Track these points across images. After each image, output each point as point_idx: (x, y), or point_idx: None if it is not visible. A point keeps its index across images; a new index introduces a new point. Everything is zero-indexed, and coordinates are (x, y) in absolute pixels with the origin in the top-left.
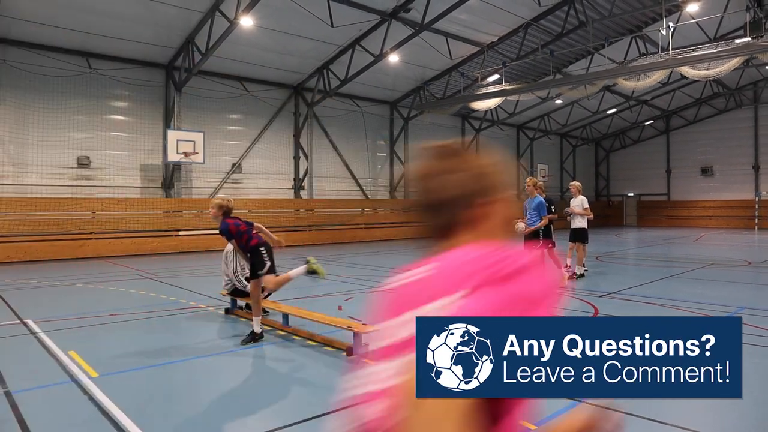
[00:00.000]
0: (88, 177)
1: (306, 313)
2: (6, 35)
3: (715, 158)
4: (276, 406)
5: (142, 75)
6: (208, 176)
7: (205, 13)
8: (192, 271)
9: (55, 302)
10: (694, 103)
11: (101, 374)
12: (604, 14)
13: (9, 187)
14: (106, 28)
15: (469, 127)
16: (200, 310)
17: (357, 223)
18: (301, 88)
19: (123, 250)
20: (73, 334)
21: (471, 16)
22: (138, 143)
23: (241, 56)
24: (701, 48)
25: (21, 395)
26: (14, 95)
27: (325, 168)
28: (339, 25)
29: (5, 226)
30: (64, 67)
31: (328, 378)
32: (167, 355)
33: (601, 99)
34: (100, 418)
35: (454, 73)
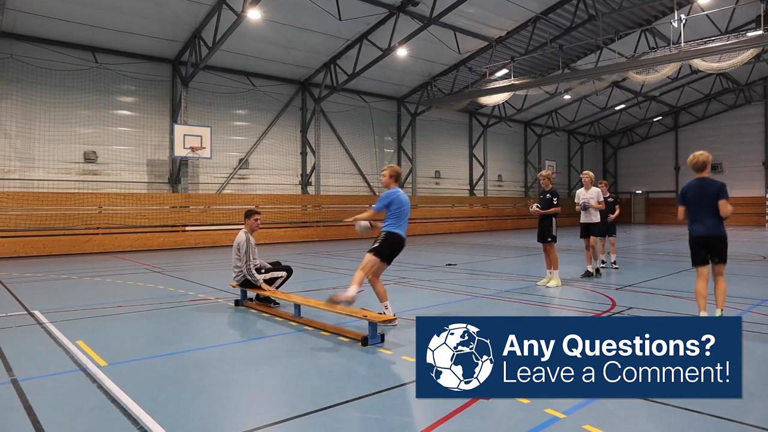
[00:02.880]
0: (95, 172)
1: (320, 303)
2: (12, 29)
3: (724, 155)
4: (290, 396)
5: (149, 69)
6: (214, 171)
7: (212, 6)
8: (200, 265)
9: (62, 294)
10: (703, 99)
11: (110, 363)
12: (613, 7)
13: (16, 182)
14: (113, 23)
15: (476, 124)
16: (209, 302)
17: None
18: (308, 83)
19: (130, 245)
20: (81, 324)
21: (479, 9)
22: (145, 138)
23: (248, 51)
24: (713, 40)
25: (28, 383)
26: (21, 90)
27: (332, 164)
28: (347, 18)
29: (12, 221)
30: (71, 61)
31: (342, 368)
32: (176, 344)
33: (610, 95)
34: (109, 406)
35: (462, 68)
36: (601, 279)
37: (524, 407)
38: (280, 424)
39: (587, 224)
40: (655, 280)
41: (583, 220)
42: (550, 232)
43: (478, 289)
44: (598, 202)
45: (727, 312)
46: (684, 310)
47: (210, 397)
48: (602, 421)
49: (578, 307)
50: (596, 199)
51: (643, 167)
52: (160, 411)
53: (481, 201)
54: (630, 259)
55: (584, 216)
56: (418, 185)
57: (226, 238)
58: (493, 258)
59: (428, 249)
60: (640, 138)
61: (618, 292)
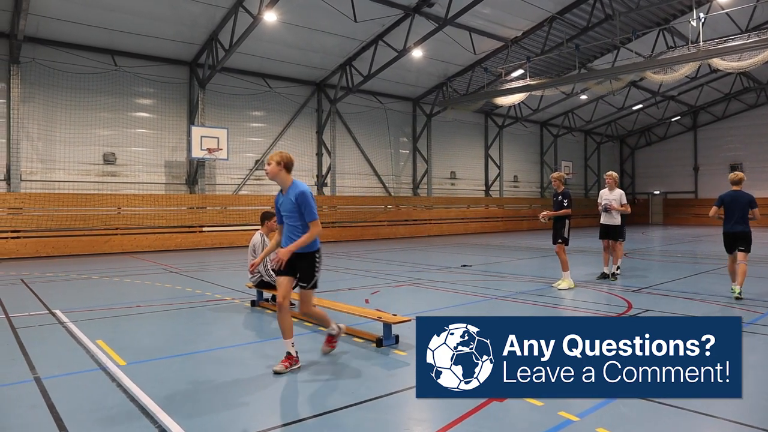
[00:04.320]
0: (114, 173)
1: (335, 304)
2: (35, 34)
3: (745, 155)
4: (305, 396)
5: (167, 72)
6: (231, 173)
7: (229, 8)
8: (216, 266)
9: (82, 294)
10: (722, 99)
11: (129, 362)
12: (631, 7)
13: (37, 183)
14: (132, 26)
15: (492, 124)
16: (226, 302)
17: (380, 219)
18: (323, 84)
19: (148, 245)
20: (101, 324)
21: (495, 10)
22: (162, 140)
23: (264, 53)
24: (733, 39)
25: (50, 381)
26: (42, 93)
27: (347, 165)
28: (362, 20)
29: (34, 222)
30: (91, 64)
31: (357, 369)
32: (194, 344)
33: (627, 95)
34: (128, 404)
35: (478, 69)
36: (618, 281)
37: (538, 409)
38: (294, 424)
39: (607, 226)
40: (673, 282)
41: (604, 221)
42: (561, 234)
43: (492, 291)
44: (622, 204)
45: (745, 315)
46: (702, 312)
47: (226, 397)
48: (616, 425)
49: (593, 309)
50: (619, 201)
51: (661, 168)
52: (178, 409)
53: (496, 202)
54: (647, 260)
55: (605, 217)
56: (433, 186)
57: (242, 238)
58: (509, 259)
59: (443, 250)
60: (658, 138)
61: (634, 295)
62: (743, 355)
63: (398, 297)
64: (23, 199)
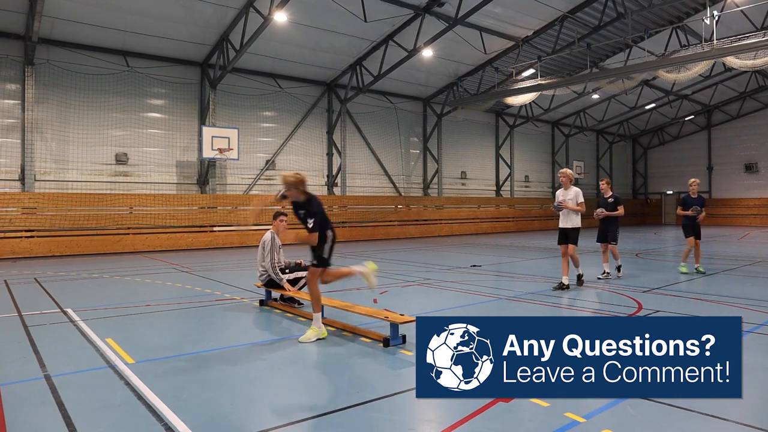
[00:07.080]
0: (126, 173)
1: (343, 304)
2: (49, 36)
3: (760, 154)
4: (311, 395)
5: (178, 73)
6: (242, 173)
7: (239, 9)
8: (227, 265)
9: (93, 293)
10: (737, 98)
11: (137, 361)
12: (643, 5)
13: (51, 183)
14: (144, 27)
15: (503, 124)
16: (235, 301)
17: (390, 219)
18: (334, 84)
19: (159, 245)
20: (111, 322)
21: (505, 9)
22: (174, 140)
23: (275, 53)
24: (747, 37)
25: (60, 379)
26: (56, 94)
27: (358, 165)
28: (372, 20)
29: (48, 221)
30: (103, 65)
31: (364, 368)
32: (202, 343)
33: (639, 94)
34: (135, 403)
35: (488, 69)
36: (628, 282)
37: (544, 410)
38: (300, 423)
39: (565, 229)
40: (684, 282)
41: (562, 225)
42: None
43: (502, 291)
44: (578, 203)
45: (754, 315)
46: (712, 313)
47: (233, 395)
48: (622, 426)
49: (603, 309)
50: (575, 200)
51: (674, 167)
52: (185, 408)
53: (507, 202)
54: (659, 260)
55: (563, 220)
56: (444, 186)
57: (253, 238)
58: (519, 259)
59: (454, 250)
60: (671, 137)
61: (645, 295)
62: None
63: (407, 297)
64: (37, 199)
